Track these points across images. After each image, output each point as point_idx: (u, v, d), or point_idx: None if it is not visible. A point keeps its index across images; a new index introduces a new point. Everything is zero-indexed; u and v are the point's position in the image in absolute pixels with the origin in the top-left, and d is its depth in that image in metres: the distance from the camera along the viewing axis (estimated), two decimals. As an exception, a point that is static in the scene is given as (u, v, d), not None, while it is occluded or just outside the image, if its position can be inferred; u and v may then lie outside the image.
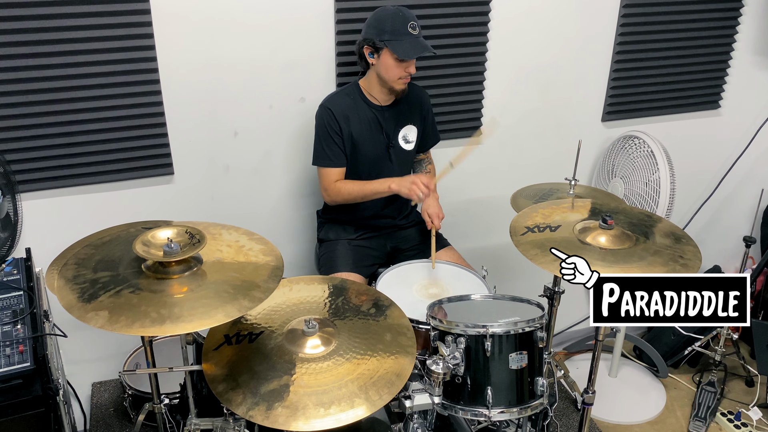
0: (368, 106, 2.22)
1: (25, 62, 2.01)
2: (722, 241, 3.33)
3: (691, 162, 3.07)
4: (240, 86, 2.29)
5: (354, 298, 1.76)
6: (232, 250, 1.59)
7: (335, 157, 2.21)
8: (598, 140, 2.91)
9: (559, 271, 1.58)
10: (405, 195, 2.13)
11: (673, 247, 1.73)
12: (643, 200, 2.60)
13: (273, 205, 2.51)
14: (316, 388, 1.45)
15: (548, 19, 2.60)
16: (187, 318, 1.33)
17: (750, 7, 2.88)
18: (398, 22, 2.05)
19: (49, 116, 2.09)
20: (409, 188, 2.11)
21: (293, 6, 2.24)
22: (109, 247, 1.59)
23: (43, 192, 2.19)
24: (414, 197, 2.11)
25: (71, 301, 1.37)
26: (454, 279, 2.12)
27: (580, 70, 2.74)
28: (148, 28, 2.09)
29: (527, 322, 1.69)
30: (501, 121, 2.69)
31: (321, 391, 1.44)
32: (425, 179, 2.11)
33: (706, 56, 2.91)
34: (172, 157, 2.30)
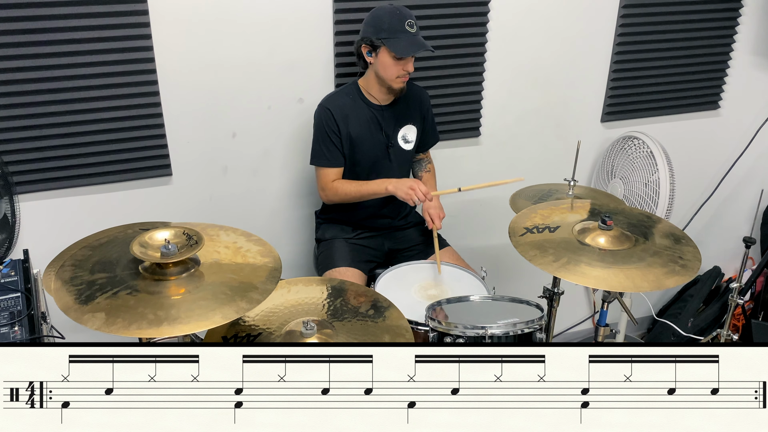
0: (367, 106, 2.22)
1: (22, 63, 2.00)
2: (722, 241, 3.33)
3: (691, 162, 3.07)
4: (238, 87, 2.28)
5: (352, 300, 1.76)
6: (230, 251, 1.59)
7: (333, 157, 2.21)
8: (598, 141, 2.91)
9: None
10: (401, 198, 2.13)
11: (672, 248, 1.73)
12: (643, 201, 2.59)
13: (271, 206, 2.51)
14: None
15: (547, 18, 2.59)
16: (185, 320, 1.33)
17: (749, 8, 2.88)
18: (395, 20, 2.04)
19: (46, 117, 2.09)
20: (407, 192, 2.10)
21: (291, 6, 2.24)
22: (107, 249, 1.58)
23: (40, 193, 2.18)
24: (410, 202, 2.11)
25: (68, 302, 1.36)
26: (453, 280, 2.12)
27: (580, 70, 2.74)
28: (146, 29, 2.09)
29: (526, 324, 1.69)
30: (500, 122, 2.69)
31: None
32: (424, 187, 2.10)
33: (705, 56, 2.91)
34: (170, 158, 2.29)
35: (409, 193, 2.10)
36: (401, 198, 2.12)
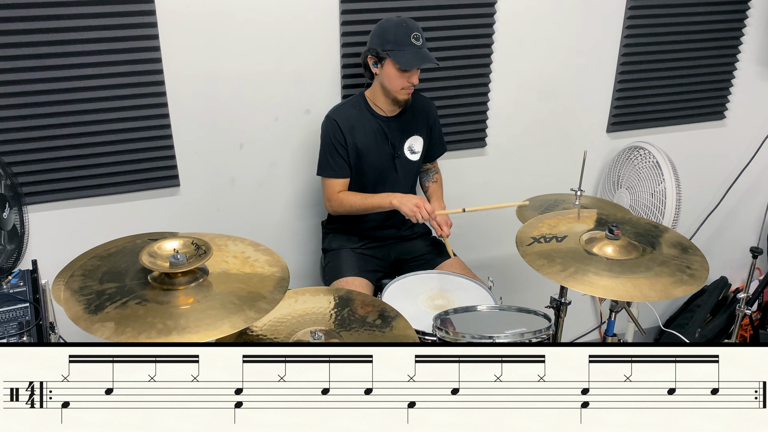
0: (374, 117, 2.23)
1: (32, 75, 2.02)
2: (729, 251, 3.32)
3: (697, 173, 3.07)
4: (246, 98, 2.30)
5: (359, 309, 1.76)
6: (238, 261, 1.59)
7: (339, 168, 2.21)
8: (604, 151, 2.91)
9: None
10: (405, 214, 2.12)
11: (680, 258, 1.73)
12: (649, 211, 2.59)
13: (278, 216, 2.52)
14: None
15: (553, 29, 2.61)
16: (193, 329, 1.33)
17: (754, 18, 2.88)
18: (402, 32, 2.06)
19: (55, 128, 2.10)
20: (411, 209, 2.10)
21: (298, 18, 2.26)
22: (116, 259, 1.59)
23: (49, 204, 2.20)
24: (414, 219, 2.11)
25: (77, 312, 1.37)
26: (460, 290, 2.12)
27: (585, 81, 2.75)
28: (155, 41, 2.11)
29: (534, 333, 1.68)
30: (506, 132, 2.70)
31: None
32: (429, 206, 2.11)
33: (710, 67, 2.91)
34: (178, 169, 2.30)
35: (414, 211, 2.10)
36: (405, 214, 2.12)
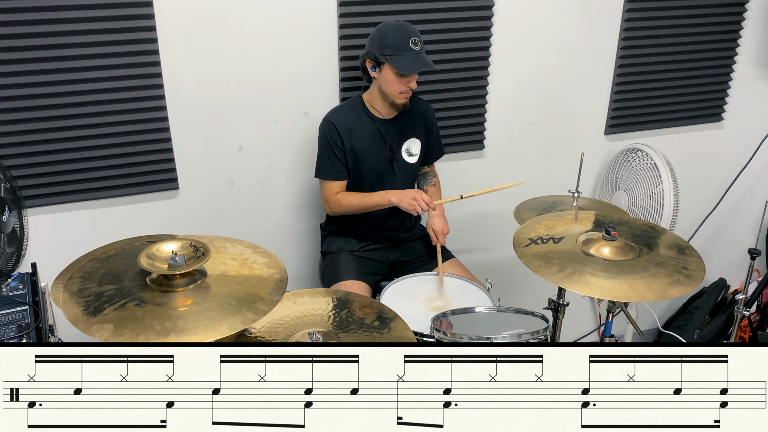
0: (371, 120, 2.23)
1: (32, 79, 2.03)
2: (727, 253, 3.32)
3: (695, 174, 3.07)
4: (244, 101, 2.31)
5: (358, 311, 1.76)
6: (237, 263, 1.60)
7: (336, 170, 2.22)
8: (601, 153, 2.92)
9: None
10: (404, 209, 2.14)
11: (677, 259, 1.73)
12: (647, 213, 2.60)
13: (277, 219, 2.52)
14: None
15: (551, 32, 2.62)
16: (192, 331, 1.33)
17: (751, 20, 2.89)
18: (400, 37, 2.07)
19: (54, 132, 2.11)
20: (410, 203, 2.11)
21: (297, 21, 2.27)
22: (114, 261, 1.59)
23: (48, 207, 2.20)
24: (413, 212, 2.12)
25: (76, 314, 1.37)
26: (458, 292, 2.12)
27: (583, 83, 2.76)
28: (154, 45, 2.12)
29: (531, 335, 1.69)
30: (504, 134, 2.70)
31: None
32: (427, 197, 2.11)
33: (708, 69, 2.92)
34: (177, 171, 2.31)
35: (412, 204, 2.11)
36: (404, 209, 2.13)
